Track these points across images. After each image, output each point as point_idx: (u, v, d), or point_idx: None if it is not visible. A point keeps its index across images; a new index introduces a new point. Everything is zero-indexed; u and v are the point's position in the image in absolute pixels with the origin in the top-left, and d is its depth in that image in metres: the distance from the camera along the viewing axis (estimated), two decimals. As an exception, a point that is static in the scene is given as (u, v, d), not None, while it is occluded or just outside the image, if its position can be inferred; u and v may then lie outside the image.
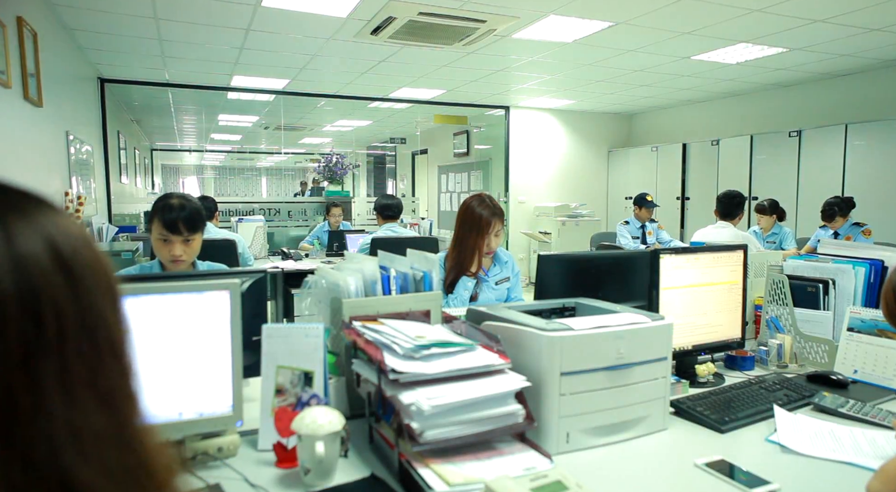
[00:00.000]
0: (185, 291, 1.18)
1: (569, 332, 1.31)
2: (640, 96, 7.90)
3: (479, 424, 1.19)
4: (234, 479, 1.18)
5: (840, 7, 4.22)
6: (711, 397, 1.62)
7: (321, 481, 1.17)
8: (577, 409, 1.32)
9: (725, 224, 4.35)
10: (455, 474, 1.09)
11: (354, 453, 1.32)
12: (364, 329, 1.41)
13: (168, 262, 1.98)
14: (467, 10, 4.26)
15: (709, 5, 4.19)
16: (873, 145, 5.84)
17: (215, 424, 1.22)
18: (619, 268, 2.06)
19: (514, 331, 1.38)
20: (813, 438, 1.39)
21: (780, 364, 1.97)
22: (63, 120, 4.61)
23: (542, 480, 1.05)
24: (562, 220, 8.33)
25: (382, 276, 1.61)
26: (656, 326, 1.42)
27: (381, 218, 4.61)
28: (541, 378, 1.30)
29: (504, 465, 1.15)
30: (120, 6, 4.25)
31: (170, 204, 1.95)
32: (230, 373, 1.22)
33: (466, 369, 1.24)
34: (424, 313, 1.64)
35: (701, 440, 1.41)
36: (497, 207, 2.49)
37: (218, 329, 1.21)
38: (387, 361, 1.20)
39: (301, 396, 1.28)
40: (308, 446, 1.14)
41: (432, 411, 1.13)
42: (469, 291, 2.41)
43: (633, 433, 1.41)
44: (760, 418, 1.52)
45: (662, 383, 1.45)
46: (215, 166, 20.23)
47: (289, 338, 1.35)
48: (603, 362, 1.34)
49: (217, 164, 19.90)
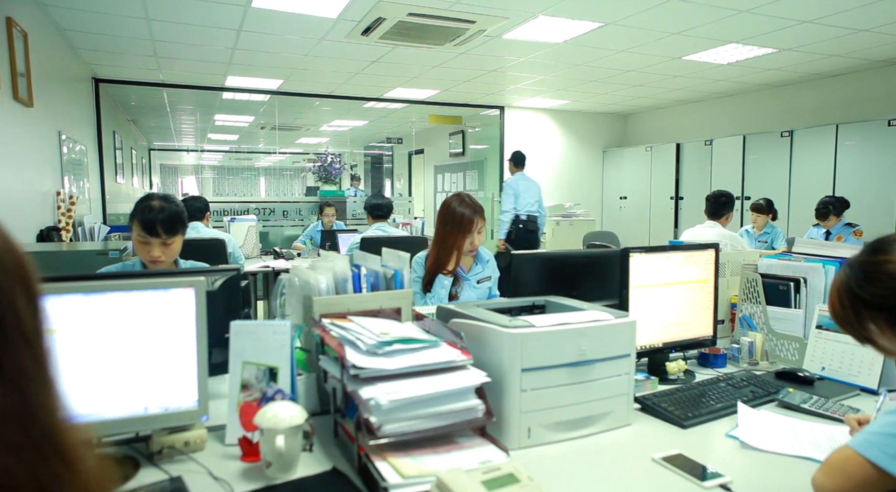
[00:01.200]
0: (150, 289, 1.21)
1: (529, 329, 1.34)
2: (634, 96, 7.92)
3: (439, 418, 1.21)
4: (199, 472, 1.21)
5: (826, 8, 4.24)
6: (678, 393, 1.65)
7: (283, 473, 1.19)
8: (538, 404, 1.35)
9: (713, 224, 4.37)
10: (410, 466, 1.12)
11: (320, 447, 1.34)
12: (331, 326, 1.43)
13: (148, 263, 2.00)
14: (456, 10, 4.28)
15: (696, 6, 4.21)
16: (864, 145, 5.87)
17: (181, 418, 1.24)
18: (594, 267, 2.09)
19: (479, 328, 1.40)
20: (773, 433, 1.41)
21: (751, 361, 1.99)
22: (55, 120, 4.64)
23: (494, 472, 1.07)
24: (556, 219, 8.35)
25: (353, 274, 1.63)
26: (619, 323, 1.44)
27: (372, 217, 4.63)
28: (502, 374, 1.33)
29: (461, 458, 1.17)
30: (111, 7, 4.28)
31: (149, 205, 1.97)
32: (195, 369, 1.24)
33: (428, 365, 1.26)
34: (396, 311, 1.67)
35: (663, 435, 1.44)
36: (477, 206, 2.51)
37: (184, 326, 1.24)
38: (348, 357, 1.23)
39: (266, 391, 1.31)
40: (269, 439, 1.17)
41: (390, 406, 1.15)
42: (446, 290, 2.43)
43: (597, 428, 1.44)
44: (724, 414, 1.55)
45: (626, 380, 1.47)
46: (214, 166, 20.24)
47: (256, 335, 1.37)
48: (564, 359, 1.37)
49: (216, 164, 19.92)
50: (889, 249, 1.12)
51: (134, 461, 1.23)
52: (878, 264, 1.12)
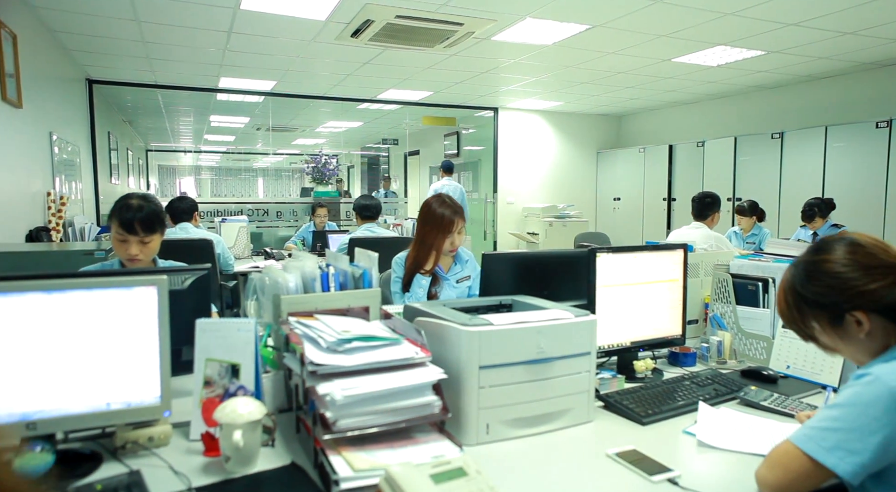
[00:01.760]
0: (113, 287, 1.23)
1: (487, 327, 1.36)
2: (626, 98, 7.96)
3: (395, 414, 1.24)
4: (160, 467, 1.23)
5: (810, 11, 4.27)
6: (641, 391, 1.67)
7: (241, 468, 1.22)
8: (496, 401, 1.37)
9: (699, 225, 4.40)
10: (363, 460, 1.14)
11: (282, 443, 1.37)
12: (297, 324, 1.46)
13: (126, 260, 2.03)
14: (444, 13, 4.31)
15: (681, 9, 4.24)
16: (852, 147, 5.90)
17: (143, 414, 1.27)
18: (566, 267, 2.11)
19: (439, 326, 1.43)
20: (729, 430, 1.44)
21: (719, 360, 2.02)
22: (46, 121, 4.66)
23: (444, 466, 1.10)
24: (549, 221, 8.39)
25: (322, 274, 1.66)
26: (578, 322, 1.47)
27: (360, 218, 4.66)
28: (461, 371, 1.35)
29: (415, 453, 1.20)
30: (101, 9, 4.30)
31: (128, 204, 2.00)
32: (158, 365, 1.27)
33: (386, 361, 1.29)
34: (364, 310, 1.69)
35: (622, 432, 1.47)
36: (457, 206, 2.54)
37: (147, 323, 1.26)
38: (307, 354, 1.26)
39: (228, 387, 1.34)
40: (228, 434, 1.19)
41: (345, 401, 1.18)
42: (424, 290, 2.46)
43: (557, 425, 1.46)
44: (685, 411, 1.57)
45: (586, 377, 1.50)
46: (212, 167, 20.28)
47: (221, 332, 1.40)
48: (523, 357, 1.39)
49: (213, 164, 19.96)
50: (829, 249, 1.15)
51: (96, 456, 1.26)
52: (818, 264, 1.15)
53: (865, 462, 1.01)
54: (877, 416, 1.01)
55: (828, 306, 1.14)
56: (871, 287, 1.10)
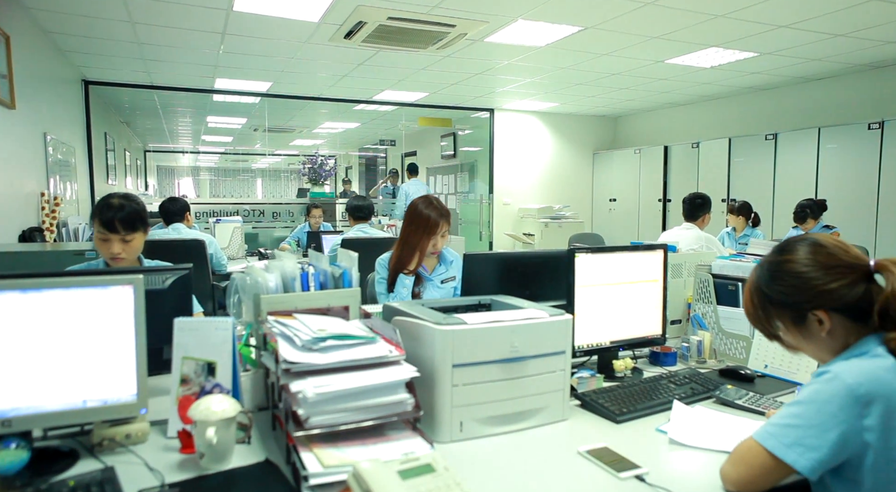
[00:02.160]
0: (89, 286, 1.25)
1: (461, 326, 1.38)
2: (622, 99, 7.98)
3: (367, 411, 1.26)
4: (136, 463, 1.25)
5: (801, 13, 4.29)
6: (618, 390, 1.69)
7: (215, 464, 1.24)
8: (470, 399, 1.39)
9: (690, 225, 4.42)
10: (333, 457, 1.16)
11: (259, 440, 1.39)
12: (274, 323, 1.48)
13: (109, 259, 2.05)
14: (436, 14, 4.33)
15: (672, 11, 4.26)
16: (845, 148, 5.92)
17: (120, 411, 1.28)
18: (548, 267, 2.13)
19: (415, 325, 1.45)
20: (701, 428, 1.46)
21: (699, 360, 2.04)
22: (40, 122, 4.69)
23: (412, 463, 1.12)
24: (544, 221, 8.41)
25: (302, 273, 1.68)
26: (552, 321, 1.49)
27: (353, 219, 4.68)
28: (434, 370, 1.37)
29: (386, 450, 1.22)
30: (94, 10, 4.32)
31: (109, 203, 2.02)
32: (134, 363, 1.29)
33: (359, 360, 1.31)
34: (344, 309, 1.71)
35: (596, 430, 1.48)
36: (444, 209, 2.56)
37: (123, 322, 1.28)
38: (281, 352, 1.28)
39: (204, 385, 1.36)
40: (202, 431, 1.21)
41: (317, 399, 1.20)
42: (408, 290, 2.48)
43: (531, 423, 1.48)
44: (660, 409, 1.59)
45: (561, 376, 1.52)
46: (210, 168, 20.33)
47: (199, 331, 1.42)
48: (496, 355, 1.41)
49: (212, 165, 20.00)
50: (792, 250, 1.17)
51: (74, 453, 1.28)
52: (781, 264, 1.17)
53: (823, 458, 1.03)
54: (834, 412, 1.03)
55: (791, 306, 1.16)
56: (831, 287, 1.11)
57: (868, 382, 1.03)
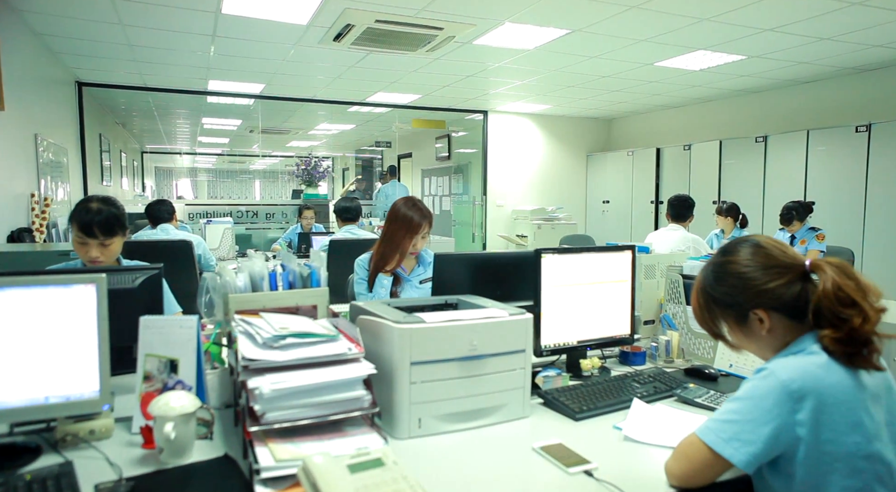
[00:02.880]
0: (52, 285, 1.28)
1: (418, 324, 1.41)
2: (614, 101, 8.01)
3: (323, 407, 1.29)
4: (96, 458, 1.28)
5: (786, 17, 4.33)
6: (581, 388, 1.72)
7: (174, 459, 1.27)
8: (428, 396, 1.42)
9: (676, 227, 4.45)
10: (286, 451, 1.19)
11: (222, 436, 1.42)
12: (240, 321, 1.51)
13: (87, 263, 2.07)
14: (423, 17, 4.37)
15: (658, 14, 4.30)
16: (833, 151, 5.96)
17: (82, 407, 1.31)
18: (519, 267, 2.15)
19: (376, 324, 1.48)
20: (657, 425, 1.49)
21: (667, 359, 2.07)
22: (31, 123, 4.71)
23: (362, 457, 1.14)
24: (537, 223, 8.44)
25: (270, 273, 1.71)
26: (511, 320, 1.52)
27: (341, 220, 4.71)
28: (393, 367, 1.40)
29: (341, 445, 1.24)
30: (85, 12, 4.35)
31: (87, 207, 2.04)
32: (97, 360, 1.31)
33: (318, 357, 1.34)
34: (313, 308, 1.74)
35: (555, 427, 1.51)
36: (426, 211, 2.60)
37: (86, 320, 1.31)
38: (241, 350, 1.30)
39: (167, 382, 1.38)
40: (160, 426, 1.24)
41: (273, 395, 1.23)
42: (386, 290, 2.50)
43: (491, 420, 1.51)
44: (620, 407, 1.62)
45: (521, 374, 1.55)
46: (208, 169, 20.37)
47: (164, 329, 1.45)
48: (455, 353, 1.44)
49: (210, 167, 20.04)
50: (735, 251, 1.20)
51: (38, 449, 1.31)
52: (724, 265, 1.20)
53: (758, 452, 1.06)
54: (769, 408, 1.06)
55: (733, 306, 1.19)
56: (769, 286, 1.14)
57: (801, 378, 1.06)
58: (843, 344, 1.07)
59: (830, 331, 1.08)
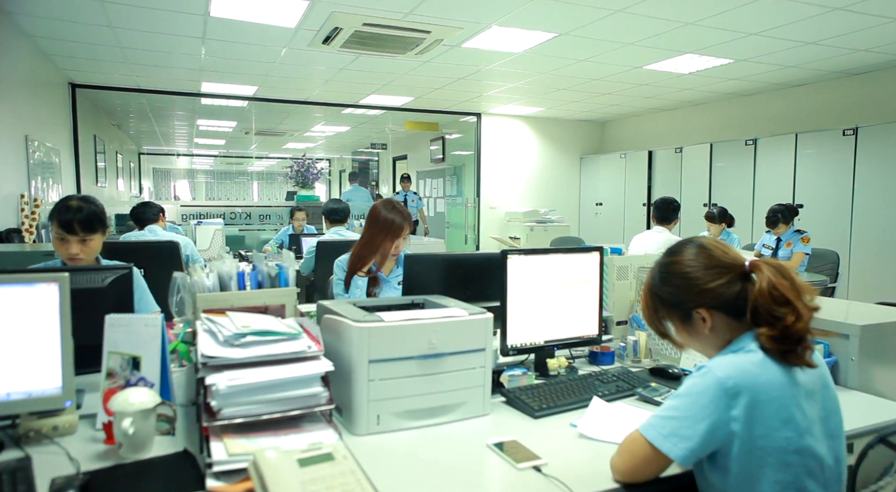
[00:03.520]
0: (15, 283, 1.31)
1: (377, 323, 1.44)
2: (606, 104, 8.05)
3: (280, 403, 1.31)
4: (57, 453, 1.31)
5: (770, 21, 4.37)
6: (544, 387, 1.74)
7: (133, 454, 1.29)
8: (386, 393, 1.45)
9: (661, 229, 4.48)
10: (240, 445, 1.22)
11: (184, 432, 1.44)
12: (205, 320, 1.54)
13: (66, 259, 2.10)
14: (410, 21, 4.40)
15: (642, 18, 4.33)
16: (821, 154, 6.00)
17: (45, 403, 1.34)
18: (488, 268, 2.18)
19: (337, 322, 1.50)
20: (612, 423, 1.51)
21: (634, 359, 2.09)
22: (21, 124, 4.75)
23: (313, 452, 1.17)
24: (530, 225, 8.47)
25: (239, 273, 1.74)
26: (471, 320, 1.54)
27: (329, 222, 4.73)
28: (352, 365, 1.43)
29: (295, 440, 1.27)
30: (75, 15, 4.39)
31: (68, 205, 2.07)
32: (59, 357, 1.34)
33: (277, 354, 1.37)
34: (282, 307, 1.77)
35: (513, 425, 1.54)
36: (406, 213, 2.63)
37: (49, 318, 1.34)
38: (201, 348, 1.33)
39: (129, 379, 1.41)
40: (119, 422, 1.27)
41: (229, 391, 1.26)
42: (362, 290, 2.53)
43: (450, 417, 1.54)
44: (580, 406, 1.64)
45: (481, 372, 1.57)
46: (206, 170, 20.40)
47: (129, 327, 1.48)
48: (414, 352, 1.47)
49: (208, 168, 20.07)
50: (679, 252, 1.23)
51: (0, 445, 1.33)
52: (669, 265, 1.23)
53: (694, 447, 1.09)
54: (705, 404, 1.09)
55: (677, 305, 1.22)
56: (711, 286, 1.17)
57: (736, 375, 1.09)
58: (777, 342, 1.10)
59: (766, 329, 1.11)
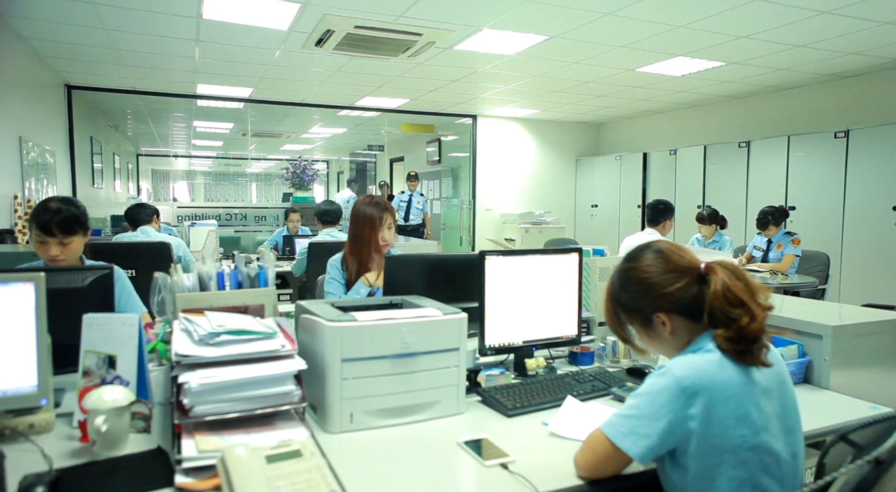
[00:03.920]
0: (-9, 283, 1.33)
1: (350, 323, 1.46)
2: (601, 106, 8.08)
3: (253, 401, 1.33)
4: (32, 451, 1.32)
5: (760, 24, 4.39)
6: (520, 386, 1.76)
7: (107, 451, 1.31)
8: (359, 392, 1.47)
9: (652, 231, 4.50)
10: (210, 442, 1.24)
11: (160, 430, 1.46)
12: (183, 319, 1.56)
13: (47, 261, 2.12)
14: (402, 23, 4.43)
15: (633, 21, 4.36)
16: (813, 156, 6.02)
17: (20, 401, 1.36)
18: (468, 269, 2.20)
19: (312, 322, 1.53)
20: (584, 422, 1.53)
21: (613, 359, 2.11)
22: (15, 125, 4.77)
23: (282, 449, 1.19)
24: (525, 227, 8.49)
25: (218, 273, 1.76)
26: (444, 319, 1.56)
27: (321, 223, 4.76)
28: (325, 363, 1.45)
29: (265, 437, 1.29)
30: (70, 17, 4.42)
31: (47, 207, 2.09)
32: (35, 356, 1.36)
33: (251, 353, 1.39)
34: (261, 307, 1.79)
35: (486, 423, 1.56)
36: (385, 203, 2.66)
37: (25, 317, 1.36)
38: (175, 346, 1.36)
39: (105, 377, 1.43)
40: (92, 419, 1.29)
41: (201, 389, 1.28)
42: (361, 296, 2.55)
43: (424, 416, 1.56)
44: (554, 405, 1.66)
45: (455, 372, 1.59)
46: (205, 172, 20.45)
47: (106, 326, 1.50)
48: (387, 351, 1.49)
49: (207, 169, 20.12)
50: (638, 257, 1.25)
51: (-25, 441, 1.35)
52: (628, 271, 1.26)
53: (653, 445, 1.11)
54: (663, 403, 1.11)
55: (637, 310, 1.24)
56: (668, 290, 1.19)
57: (694, 375, 1.11)
58: (733, 342, 1.12)
59: (723, 330, 1.13)
